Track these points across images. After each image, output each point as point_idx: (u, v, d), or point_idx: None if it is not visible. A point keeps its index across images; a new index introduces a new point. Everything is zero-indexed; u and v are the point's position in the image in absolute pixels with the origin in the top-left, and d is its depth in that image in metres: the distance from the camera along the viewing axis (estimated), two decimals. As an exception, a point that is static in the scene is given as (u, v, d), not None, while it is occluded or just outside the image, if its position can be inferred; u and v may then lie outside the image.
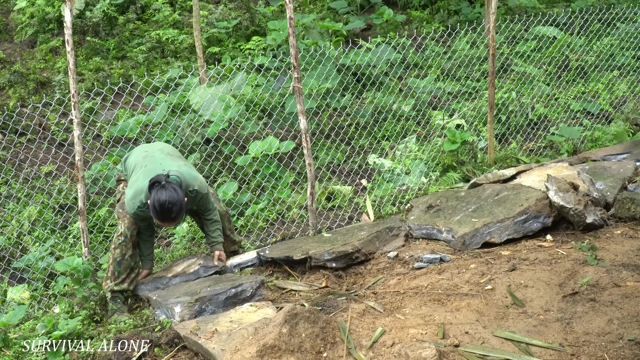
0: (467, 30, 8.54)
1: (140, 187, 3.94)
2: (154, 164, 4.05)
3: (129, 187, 4.07)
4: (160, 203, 3.76)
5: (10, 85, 7.49)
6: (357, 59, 7.16)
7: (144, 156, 4.16)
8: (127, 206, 4.00)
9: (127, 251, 4.09)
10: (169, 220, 3.83)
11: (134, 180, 4.04)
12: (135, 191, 3.95)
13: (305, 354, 3.04)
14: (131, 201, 3.96)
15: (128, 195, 3.99)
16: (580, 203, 4.26)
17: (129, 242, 4.09)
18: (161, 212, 3.78)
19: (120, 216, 4.17)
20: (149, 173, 3.97)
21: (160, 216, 3.80)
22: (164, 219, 3.82)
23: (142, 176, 4.00)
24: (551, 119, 7.15)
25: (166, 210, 3.77)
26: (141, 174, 4.02)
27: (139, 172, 4.06)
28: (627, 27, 8.60)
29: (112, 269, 4.09)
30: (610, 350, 2.94)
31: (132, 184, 4.03)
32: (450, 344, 3.08)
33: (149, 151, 4.20)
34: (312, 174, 4.92)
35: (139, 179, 4.00)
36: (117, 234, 4.11)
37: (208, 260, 4.37)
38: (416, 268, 4.15)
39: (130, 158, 4.27)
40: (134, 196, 3.95)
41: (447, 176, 5.92)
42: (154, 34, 8.39)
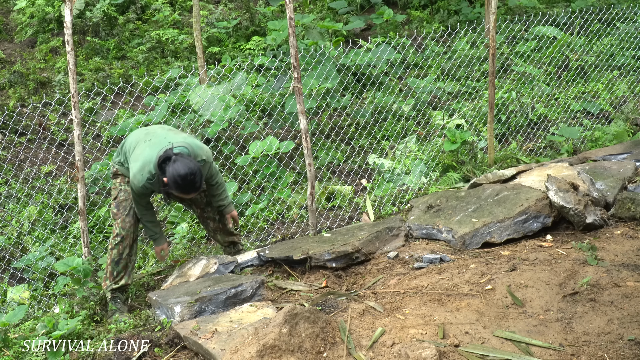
0: (467, 30, 8.54)
1: (148, 158, 3.84)
2: (158, 138, 3.95)
3: (133, 161, 3.92)
4: (182, 176, 3.71)
5: (10, 85, 7.49)
6: (357, 59, 7.16)
7: (145, 133, 4.05)
8: (135, 179, 3.86)
9: (124, 250, 4.11)
10: (194, 190, 3.80)
11: (139, 154, 3.91)
12: (142, 163, 3.85)
13: (305, 354, 3.04)
14: (139, 173, 3.84)
15: (135, 169, 3.86)
16: (580, 203, 4.26)
17: (125, 241, 4.10)
18: (185, 185, 3.74)
19: (115, 217, 4.14)
20: (155, 146, 3.88)
21: (185, 189, 3.77)
22: (189, 191, 3.79)
23: (147, 149, 3.89)
24: (551, 119, 7.15)
25: (190, 182, 3.74)
26: (146, 146, 3.91)
27: (143, 146, 3.93)
28: (627, 27, 8.60)
29: (111, 269, 4.12)
30: (610, 350, 2.94)
31: (137, 157, 3.90)
32: (450, 344, 3.08)
33: (150, 129, 4.12)
34: (312, 174, 4.92)
35: (145, 151, 3.89)
36: (113, 235, 4.12)
37: (222, 258, 4.38)
38: (416, 268, 4.15)
39: (127, 142, 4.12)
40: (141, 168, 3.84)
41: (447, 176, 5.92)
42: (154, 34, 8.39)
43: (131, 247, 4.15)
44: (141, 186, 3.88)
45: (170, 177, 3.75)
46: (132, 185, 3.94)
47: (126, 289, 4.24)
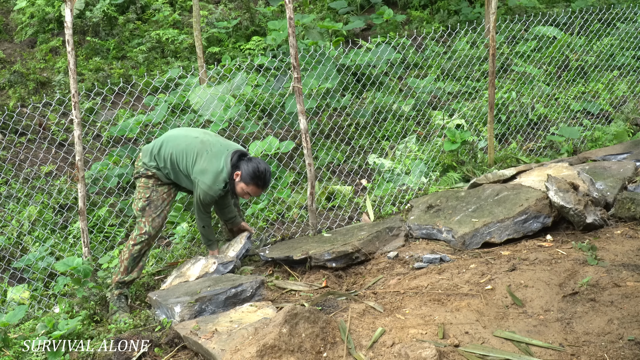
0: (467, 30, 8.54)
1: (218, 168, 4.12)
2: (217, 147, 4.19)
3: (201, 174, 4.11)
4: (262, 171, 4.13)
5: (10, 85, 7.49)
6: (357, 59, 7.16)
7: (200, 143, 4.19)
8: (211, 191, 4.13)
9: (144, 248, 4.24)
10: (267, 185, 4.22)
11: (206, 166, 4.12)
12: (214, 174, 4.11)
13: (305, 354, 3.04)
14: (215, 185, 4.12)
15: (208, 181, 4.10)
16: (580, 203, 4.26)
17: (151, 241, 4.26)
18: (265, 179, 4.17)
19: (144, 214, 4.22)
20: (219, 155, 4.15)
21: (265, 183, 4.18)
22: (266, 185, 4.21)
23: (213, 159, 4.14)
24: (551, 119, 7.15)
25: (269, 177, 4.19)
26: (211, 157, 4.14)
27: (205, 157, 4.14)
28: (627, 27, 8.60)
29: (127, 264, 4.22)
30: (610, 350, 2.94)
31: (206, 169, 4.11)
32: (450, 344, 3.08)
33: (202, 139, 4.23)
34: (312, 174, 4.92)
35: (212, 162, 4.13)
36: (141, 232, 4.20)
37: (221, 258, 4.39)
38: (416, 268, 4.15)
39: (168, 149, 4.20)
40: (215, 179, 4.11)
41: (447, 176, 5.92)
42: (154, 34, 8.38)
43: (150, 246, 4.30)
44: (217, 195, 4.19)
45: (249, 171, 4.11)
46: (205, 196, 4.17)
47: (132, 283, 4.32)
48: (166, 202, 4.28)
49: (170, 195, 4.30)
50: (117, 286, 4.21)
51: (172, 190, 4.32)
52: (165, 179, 4.27)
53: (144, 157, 4.27)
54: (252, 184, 4.14)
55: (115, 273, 4.28)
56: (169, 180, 4.28)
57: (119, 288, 4.21)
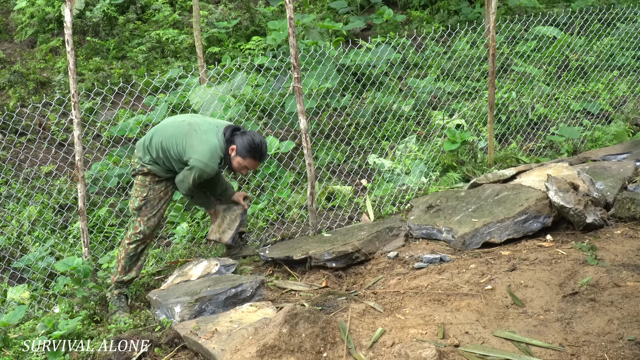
0: (467, 30, 8.54)
1: (213, 144, 4.06)
2: (205, 125, 4.14)
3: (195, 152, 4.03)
4: (258, 143, 4.10)
5: (10, 85, 7.49)
6: (357, 59, 7.16)
7: (188, 125, 4.13)
8: (207, 168, 4.03)
9: (141, 246, 4.22)
10: (264, 157, 4.20)
11: (198, 144, 4.04)
12: (210, 151, 4.04)
13: (305, 354, 3.04)
14: (211, 161, 4.04)
15: (204, 158, 4.01)
16: (580, 203, 4.26)
17: (147, 240, 4.24)
18: (262, 151, 4.14)
19: (140, 213, 4.18)
20: (209, 132, 4.09)
21: (262, 155, 4.16)
22: (263, 157, 4.19)
23: (205, 136, 4.07)
24: (551, 119, 7.15)
25: (265, 149, 4.16)
26: (202, 134, 4.08)
27: (196, 136, 4.07)
28: (627, 27, 8.60)
29: (124, 263, 4.20)
30: (610, 350, 2.94)
31: (199, 147, 4.03)
32: (450, 344, 3.08)
33: (189, 121, 4.19)
34: (312, 174, 4.92)
35: (204, 140, 4.06)
36: (135, 231, 4.18)
37: (223, 260, 4.40)
38: (416, 268, 4.15)
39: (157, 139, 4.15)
40: (211, 156, 4.04)
41: (447, 176, 5.92)
42: (154, 34, 8.38)
43: (147, 245, 4.29)
44: (213, 172, 4.11)
45: (245, 145, 4.08)
46: (202, 174, 4.06)
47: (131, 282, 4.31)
48: (163, 201, 4.26)
49: (167, 194, 4.28)
50: (116, 286, 4.20)
51: (170, 188, 4.29)
52: (163, 173, 4.20)
53: (138, 151, 4.25)
54: (249, 157, 4.11)
55: (113, 273, 4.28)
56: (166, 175, 4.22)
57: (118, 288, 4.21)
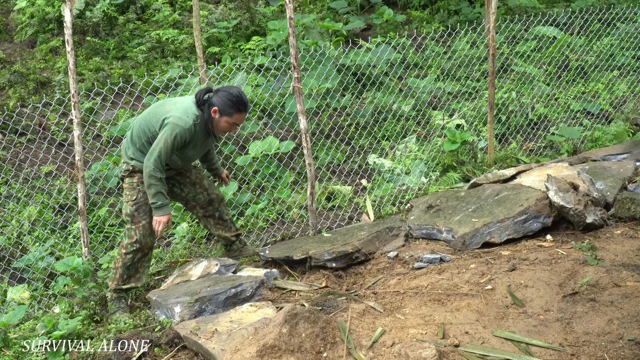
0: (467, 30, 8.54)
1: (187, 104, 3.96)
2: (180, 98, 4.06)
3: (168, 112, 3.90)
4: (237, 95, 3.95)
5: (10, 85, 7.49)
6: (357, 59, 7.16)
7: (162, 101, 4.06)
8: (180, 122, 3.85)
9: (137, 255, 4.08)
10: (246, 107, 4.01)
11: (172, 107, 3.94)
12: (184, 106, 3.93)
13: (305, 354, 3.04)
14: (184, 115, 3.89)
15: (178, 113, 3.88)
16: (580, 203, 4.26)
17: (144, 249, 4.09)
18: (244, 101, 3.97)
19: (133, 220, 4.03)
20: (184, 99, 4.01)
21: (245, 105, 3.99)
22: (244, 106, 3.99)
23: (179, 101, 3.98)
24: (551, 119, 7.15)
25: (245, 97, 3.99)
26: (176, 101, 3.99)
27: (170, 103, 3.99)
28: (627, 27, 8.60)
29: (121, 272, 4.08)
30: (610, 350, 2.94)
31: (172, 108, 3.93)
32: (450, 344, 3.08)
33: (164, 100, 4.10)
34: (312, 174, 4.92)
35: (178, 103, 3.96)
36: (131, 240, 4.02)
37: (223, 260, 4.39)
38: (416, 268, 4.15)
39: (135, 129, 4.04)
40: (185, 110, 3.91)
41: (447, 176, 5.92)
42: (154, 34, 8.38)
43: (146, 254, 4.13)
44: (187, 128, 3.88)
45: (223, 99, 3.94)
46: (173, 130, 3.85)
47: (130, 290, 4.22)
48: None
49: None
50: (115, 291, 4.13)
51: None
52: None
53: (123, 150, 4.12)
54: (235, 111, 3.97)
55: (111, 278, 4.17)
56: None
57: (117, 292, 4.14)
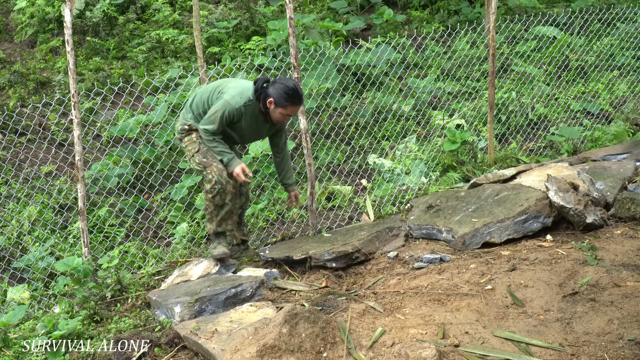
0: (467, 30, 8.54)
1: (247, 85, 4.14)
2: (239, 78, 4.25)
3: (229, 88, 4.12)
4: (292, 87, 4.08)
5: (10, 85, 7.48)
6: (357, 59, 7.16)
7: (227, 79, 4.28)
8: (232, 100, 4.05)
9: (227, 196, 4.20)
10: (301, 100, 4.13)
11: (234, 84, 4.15)
12: (242, 89, 4.11)
13: (305, 354, 3.04)
14: (238, 96, 4.07)
15: (234, 92, 4.08)
16: (580, 203, 4.26)
17: (226, 188, 4.17)
18: (299, 94, 4.10)
19: (206, 165, 4.17)
20: (243, 81, 4.19)
21: (300, 98, 4.11)
22: (299, 98, 4.11)
23: (242, 81, 4.18)
24: (551, 119, 7.15)
25: (301, 90, 4.13)
26: (239, 81, 4.20)
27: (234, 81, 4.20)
28: (627, 27, 8.60)
29: (216, 212, 4.23)
30: (610, 350, 2.94)
31: (234, 85, 4.13)
32: (450, 344, 3.08)
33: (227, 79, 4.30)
34: (312, 174, 4.92)
35: (240, 82, 4.17)
36: (212, 183, 4.15)
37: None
38: (416, 268, 4.15)
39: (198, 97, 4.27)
40: (241, 92, 4.09)
41: (447, 176, 5.92)
42: (154, 34, 8.38)
43: (234, 195, 4.23)
44: (237, 107, 4.08)
45: (279, 91, 4.07)
46: (224, 105, 4.07)
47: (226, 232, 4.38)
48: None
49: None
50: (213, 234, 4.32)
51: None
52: None
53: (181, 113, 4.36)
54: (289, 104, 4.10)
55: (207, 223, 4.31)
56: None
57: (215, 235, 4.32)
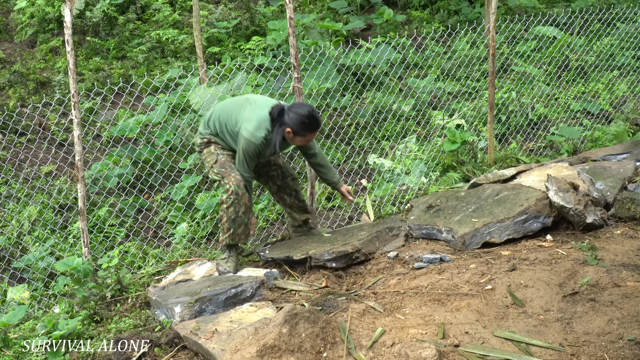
0: (467, 30, 8.54)
1: (262, 116, 4.11)
2: (261, 101, 4.22)
3: (245, 120, 4.13)
4: (308, 115, 4.07)
5: (10, 85, 7.49)
6: (357, 59, 7.16)
7: (244, 99, 4.27)
8: (253, 137, 4.08)
9: (240, 208, 4.21)
10: (319, 125, 4.15)
11: (249, 114, 4.13)
12: (258, 121, 4.10)
13: (305, 354, 3.04)
14: (257, 131, 4.08)
15: (251, 127, 4.08)
16: (580, 203, 4.26)
17: (242, 199, 4.19)
18: (314, 120, 4.09)
19: (224, 175, 4.21)
20: (262, 107, 4.16)
21: (315, 123, 4.10)
22: (317, 125, 4.13)
23: (257, 110, 4.15)
24: (551, 119, 7.15)
25: (316, 117, 4.10)
26: (254, 108, 4.16)
27: (250, 108, 4.17)
28: (627, 27, 8.60)
29: (228, 226, 4.25)
30: (610, 350, 2.94)
31: (249, 116, 4.13)
32: (450, 344, 3.08)
33: (247, 97, 4.31)
34: (312, 174, 4.92)
35: (255, 112, 4.13)
36: (227, 193, 4.18)
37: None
38: (416, 268, 4.15)
39: (216, 114, 4.31)
40: (258, 126, 4.09)
41: (447, 176, 5.92)
42: (154, 34, 8.39)
43: (247, 207, 4.26)
44: (259, 143, 4.11)
45: (296, 121, 4.07)
46: (248, 145, 4.11)
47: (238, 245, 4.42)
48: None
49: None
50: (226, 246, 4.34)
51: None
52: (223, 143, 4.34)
53: (200, 128, 4.41)
54: (308, 131, 4.14)
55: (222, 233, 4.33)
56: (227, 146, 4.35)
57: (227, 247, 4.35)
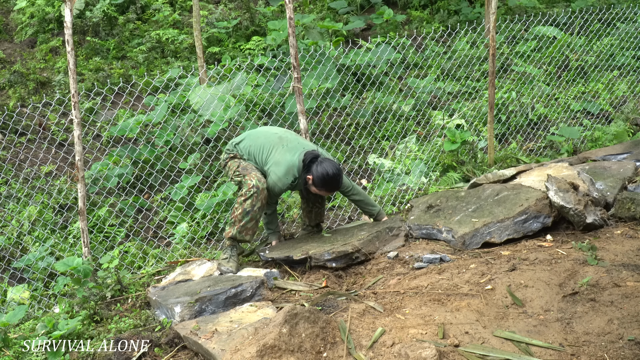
0: (467, 30, 8.54)
1: (291, 163, 4.30)
2: (293, 143, 4.41)
3: (274, 164, 4.32)
4: (332, 176, 4.26)
5: (10, 85, 7.49)
6: (357, 59, 7.16)
7: (278, 138, 4.44)
8: (279, 182, 4.30)
9: (257, 203, 4.28)
10: (338, 188, 4.39)
11: (280, 158, 4.32)
12: (286, 168, 4.29)
13: (305, 354, 3.04)
14: (284, 177, 4.30)
15: (280, 173, 4.29)
16: (580, 203, 4.26)
17: (260, 195, 4.28)
18: (333, 183, 4.29)
19: (246, 173, 4.35)
20: (293, 151, 4.34)
21: (333, 186, 4.33)
22: (335, 187, 4.36)
23: (287, 154, 4.34)
24: (551, 119, 7.15)
25: (337, 181, 4.30)
26: (285, 151, 4.35)
27: (281, 150, 4.36)
28: (627, 27, 8.60)
29: (240, 217, 4.30)
30: (610, 350, 2.94)
31: (279, 160, 4.32)
32: (450, 344, 3.08)
33: (280, 136, 4.47)
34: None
35: (285, 156, 4.33)
36: (248, 187, 4.27)
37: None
38: (416, 268, 4.15)
39: (248, 142, 4.48)
40: (286, 172, 4.30)
41: (447, 176, 5.92)
42: (154, 34, 8.39)
43: (263, 205, 4.34)
44: (285, 188, 4.37)
45: (319, 176, 4.26)
46: (274, 185, 4.34)
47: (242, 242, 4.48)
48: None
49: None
50: (229, 239, 4.38)
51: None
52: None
53: (227, 146, 4.59)
54: (323, 189, 4.33)
55: (229, 225, 4.36)
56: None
57: (230, 241, 4.37)
